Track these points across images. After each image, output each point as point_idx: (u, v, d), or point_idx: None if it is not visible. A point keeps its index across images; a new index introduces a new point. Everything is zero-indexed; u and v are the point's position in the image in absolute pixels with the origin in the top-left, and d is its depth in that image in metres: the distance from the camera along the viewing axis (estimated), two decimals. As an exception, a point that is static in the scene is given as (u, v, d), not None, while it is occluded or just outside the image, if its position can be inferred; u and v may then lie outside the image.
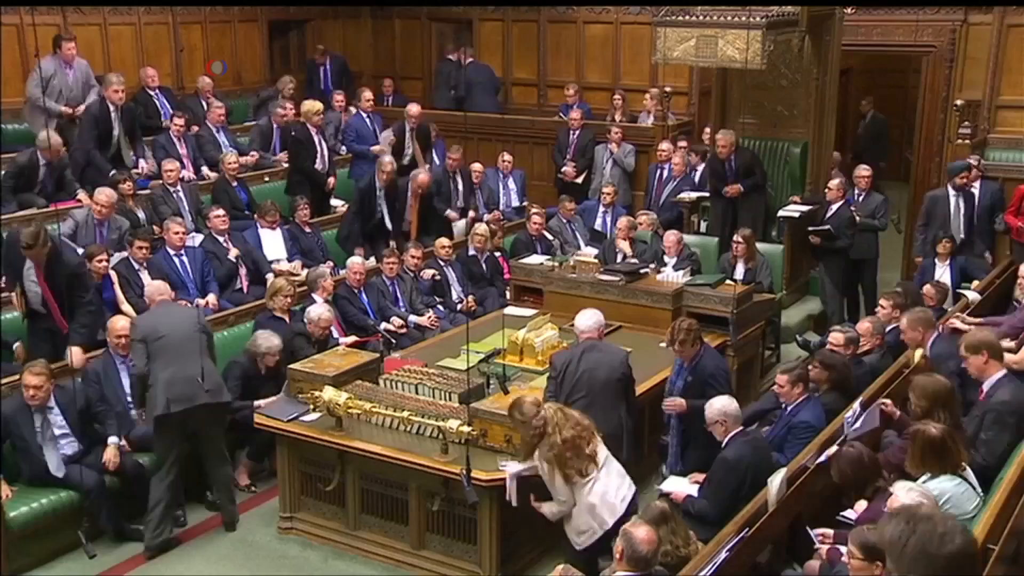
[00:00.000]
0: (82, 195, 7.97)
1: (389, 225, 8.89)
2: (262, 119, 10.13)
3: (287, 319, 6.86)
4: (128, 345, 5.92)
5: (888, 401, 5.18)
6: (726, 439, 5.01)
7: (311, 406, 5.63)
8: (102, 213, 7.48)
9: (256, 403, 6.10)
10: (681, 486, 5.17)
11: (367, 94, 10.44)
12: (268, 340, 6.35)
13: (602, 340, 5.63)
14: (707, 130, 10.25)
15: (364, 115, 10.33)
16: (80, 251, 6.79)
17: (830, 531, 4.38)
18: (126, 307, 6.87)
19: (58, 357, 6.05)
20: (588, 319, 5.63)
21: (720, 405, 5.04)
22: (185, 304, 6.97)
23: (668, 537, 4.08)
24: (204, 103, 10.03)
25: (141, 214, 8.17)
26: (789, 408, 5.39)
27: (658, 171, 9.96)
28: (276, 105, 10.15)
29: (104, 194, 7.53)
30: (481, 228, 8.68)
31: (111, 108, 8.61)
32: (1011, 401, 4.80)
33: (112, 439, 5.74)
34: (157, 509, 5.58)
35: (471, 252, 8.66)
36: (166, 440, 5.59)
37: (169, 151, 8.98)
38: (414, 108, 10.25)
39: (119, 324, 6.07)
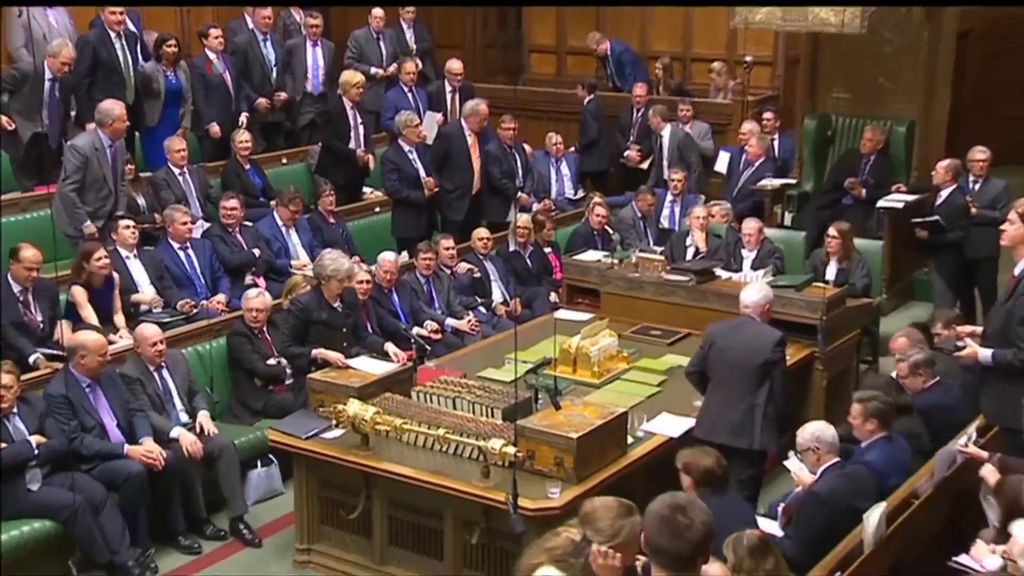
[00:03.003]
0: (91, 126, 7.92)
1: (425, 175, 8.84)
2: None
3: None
4: (164, 353, 6.19)
5: (966, 446, 5.06)
6: (819, 470, 4.97)
7: (333, 421, 5.67)
8: (116, 131, 7.46)
9: (316, 351, 6.30)
10: (803, 471, 5.16)
11: (409, 65, 10.29)
12: (335, 261, 6.47)
13: (762, 319, 5.78)
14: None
15: (405, 88, 10.17)
16: None
17: None
18: (119, 316, 6.89)
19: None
20: (754, 293, 5.82)
21: (813, 429, 5.01)
22: (190, 305, 7.12)
23: (772, 572, 4.04)
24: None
25: (141, 200, 8.27)
26: (863, 445, 5.27)
27: (739, 155, 9.91)
28: None
29: (118, 107, 7.47)
30: (523, 218, 8.71)
31: (111, 34, 8.46)
32: None
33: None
34: None
35: (512, 247, 8.69)
36: None
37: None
38: (455, 64, 10.31)
39: (150, 331, 6.20)
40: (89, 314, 6.69)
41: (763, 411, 5.51)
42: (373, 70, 10.53)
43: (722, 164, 10.39)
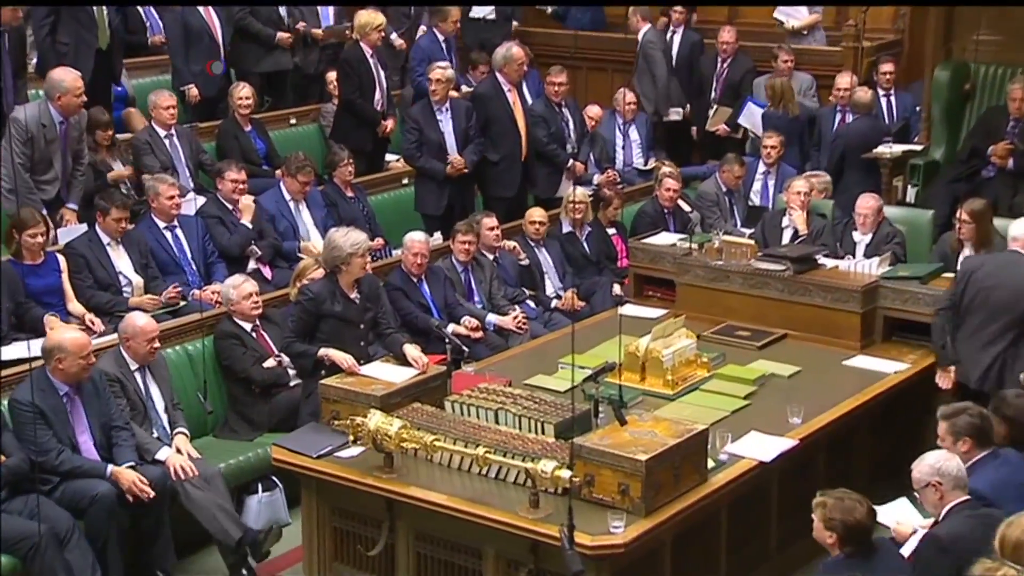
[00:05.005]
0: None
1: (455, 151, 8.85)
2: None
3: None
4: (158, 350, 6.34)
5: None
6: (943, 511, 4.96)
7: (350, 437, 5.74)
8: (69, 105, 7.50)
9: (323, 351, 6.37)
10: (912, 519, 5.24)
11: (455, 13, 10.37)
12: (347, 236, 6.51)
13: None
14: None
15: (440, 37, 10.27)
16: None
17: None
18: (75, 305, 7.08)
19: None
20: None
21: (933, 461, 4.99)
22: (175, 292, 7.29)
23: None
24: None
25: (119, 167, 8.41)
26: None
27: (838, 115, 9.88)
28: None
29: (70, 77, 7.51)
30: (579, 192, 8.79)
31: None
32: None
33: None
34: None
35: (566, 228, 8.76)
36: None
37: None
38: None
39: (145, 322, 6.31)
40: None
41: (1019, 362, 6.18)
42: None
43: (750, 119, 10.34)
